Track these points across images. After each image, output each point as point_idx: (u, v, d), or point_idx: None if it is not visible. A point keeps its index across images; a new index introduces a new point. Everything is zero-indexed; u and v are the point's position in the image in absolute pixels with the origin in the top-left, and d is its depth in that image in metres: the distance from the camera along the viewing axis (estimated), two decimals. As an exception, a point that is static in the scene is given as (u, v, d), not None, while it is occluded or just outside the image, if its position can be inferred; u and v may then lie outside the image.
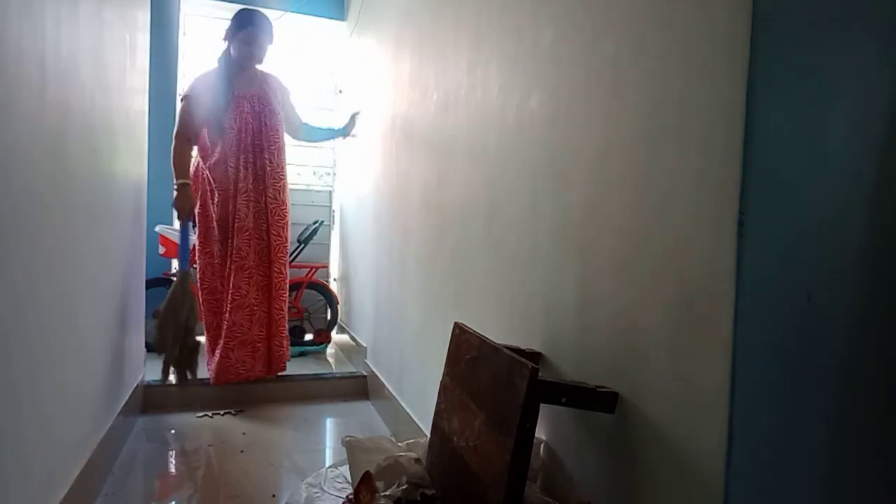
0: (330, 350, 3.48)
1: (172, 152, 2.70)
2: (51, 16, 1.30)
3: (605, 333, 1.08)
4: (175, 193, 2.68)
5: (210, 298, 2.81)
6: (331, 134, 3.20)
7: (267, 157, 2.82)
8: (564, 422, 1.18)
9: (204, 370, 2.77)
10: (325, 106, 3.91)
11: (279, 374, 2.89)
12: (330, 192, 3.95)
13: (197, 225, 2.79)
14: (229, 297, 2.74)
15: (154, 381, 2.67)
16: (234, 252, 2.76)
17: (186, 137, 2.74)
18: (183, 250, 2.78)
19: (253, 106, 2.82)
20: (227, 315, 2.74)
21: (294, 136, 3.07)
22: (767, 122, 0.77)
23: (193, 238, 2.83)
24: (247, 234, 2.77)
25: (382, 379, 2.67)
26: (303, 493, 1.53)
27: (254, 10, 2.84)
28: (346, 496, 1.39)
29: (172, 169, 2.69)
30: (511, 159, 1.48)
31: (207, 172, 2.81)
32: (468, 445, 1.15)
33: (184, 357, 2.61)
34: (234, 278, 2.74)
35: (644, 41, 1.00)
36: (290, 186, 2.99)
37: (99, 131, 1.74)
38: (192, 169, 2.81)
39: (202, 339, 2.81)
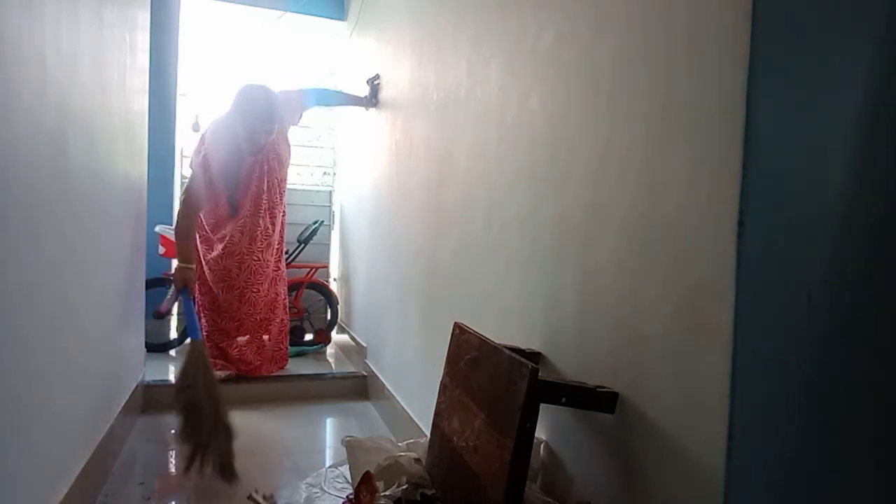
0: (330, 350, 3.47)
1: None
2: (51, 15, 1.30)
3: (605, 333, 1.08)
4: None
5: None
6: (349, 100, 3.04)
7: (277, 212, 2.86)
8: (564, 422, 1.18)
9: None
10: (325, 106, 3.90)
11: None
12: (330, 192, 3.95)
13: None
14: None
15: (154, 380, 2.67)
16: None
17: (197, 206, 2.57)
18: (189, 318, 2.36)
19: (262, 166, 2.76)
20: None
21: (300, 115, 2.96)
22: (767, 122, 0.77)
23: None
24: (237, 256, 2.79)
25: (382, 379, 2.67)
26: (303, 493, 1.53)
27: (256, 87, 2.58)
28: (346, 496, 1.39)
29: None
30: (511, 159, 1.48)
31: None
32: (468, 445, 1.15)
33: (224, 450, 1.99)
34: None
35: (644, 42, 1.00)
36: (289, 187, 2.99)
37: (99, 131, 1.74)
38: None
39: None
